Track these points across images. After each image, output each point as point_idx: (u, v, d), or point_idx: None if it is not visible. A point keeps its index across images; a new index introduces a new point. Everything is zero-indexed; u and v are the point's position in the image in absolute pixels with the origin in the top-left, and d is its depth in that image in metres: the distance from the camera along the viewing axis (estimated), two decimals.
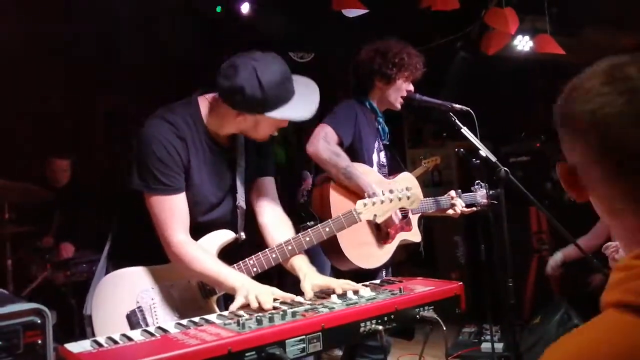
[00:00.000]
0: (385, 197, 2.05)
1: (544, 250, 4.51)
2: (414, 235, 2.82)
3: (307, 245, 1.97)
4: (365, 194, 2.38)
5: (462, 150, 3.45)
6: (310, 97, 1.90)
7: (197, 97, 1.98)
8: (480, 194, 2.99)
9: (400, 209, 2.65)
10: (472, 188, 3.05)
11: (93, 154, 4.75)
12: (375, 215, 2.05)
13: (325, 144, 2.52)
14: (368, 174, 2.59)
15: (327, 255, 2.55)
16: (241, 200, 2.05)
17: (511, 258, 2.50)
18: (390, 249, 2.67)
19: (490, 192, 2.72)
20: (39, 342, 1.18)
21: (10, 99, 4.21)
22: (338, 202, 2.53)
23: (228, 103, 1.87)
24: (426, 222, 3.01)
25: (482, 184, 2.96)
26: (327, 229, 2.00)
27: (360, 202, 2.03)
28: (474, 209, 2.99)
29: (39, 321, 1.19)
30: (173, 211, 1.86)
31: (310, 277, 1.89)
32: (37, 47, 4.26)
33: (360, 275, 2.39)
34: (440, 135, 5.95)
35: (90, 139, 4.71)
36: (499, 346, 3.87)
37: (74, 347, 1.36)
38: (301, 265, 1.95)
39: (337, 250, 2.47)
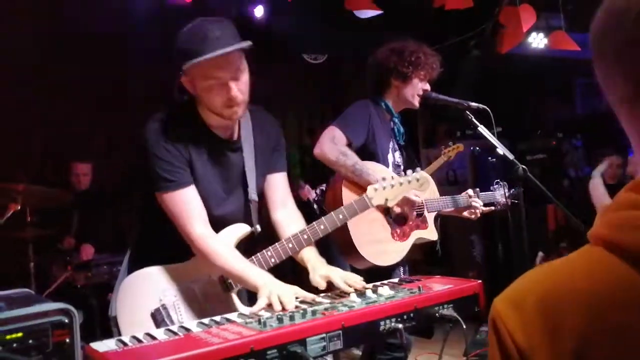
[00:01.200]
0: (395, 181, 2.07)
1: (562, 248, 4.48)
2: (430, 233, 2.81)
3: (322, 233, 1.99)
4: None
5: (477, 148, 3.45)
6: (223, 48, 1.80)
7: (192, 96, 1.98)
8: (500, 193, 2.97)
9: (416, 207, 2.66)
10: (491, 187, 3.03)
11: (114, 157, 4.80)
12: (386, 200, 2.06)
13: (332, 145, 2.53)
14: (379, 171, 2.60)
15: (342, 254, 2.56)
16: (253, 194, 2.06)
17: (530, 256, 2.49)
18: (405, 246, 2.67)
19: (510, 191, 2.70)
20: (67, 340, 1.21)
21: (30, 103, 4.27)
22: (350, 199, 2.55)
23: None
24: (442, 221, 3.00)
25: (502, 183, 2.94)
26: (341, 216, 2.02)
27: (370, 187, 2.06)
28: (492, 208, 2.98)
29: (66, 320, 1.21)
30: (186, 205, 1.89)
31: (317, 269, 1.93)
32: (57, 49, 4.31)
33: (377, 273, 2.40)
34: (454, 135, 5.93)
35: (110, 143, 4.76)
36: None
37: (100, 346, 1.39)
38: (310, 256, 1.98)
39: (350, 248, 2.47)
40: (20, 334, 1.13)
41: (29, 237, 3.69)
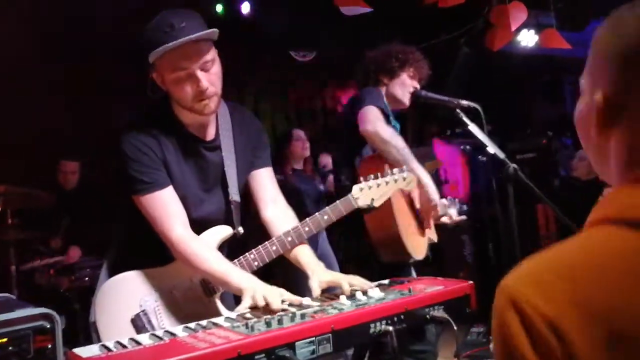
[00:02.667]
0: (380, 180, 2.01)
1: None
2: (434, 234, 2.79)
3: (307, 235, 1.93)
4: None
5: (467, 147, 3.45)
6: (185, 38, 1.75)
7: (166, 96, 1.94)
8: (454, 209, 2.92)
9: (432, 205, 2.60)
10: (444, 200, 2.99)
11: (101, 155, 4.74)
12: (372, 199, 2.01)
13: (383, 124, 2.48)
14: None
15: (377, 246, 2.50)
16: (234, 194, 2.00)
17: (520, 256, 2.48)
18: (426, 242, 2.65)
19: (461, 208, 2.71)
20: (49, 346, 1.17)
21: (15, 103, 4.19)
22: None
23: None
24: None
25: (454, 200, 2.93)
26: (326, 217, 1.95)
27: (356, 187, 1.99)
28: (464, 217, 2.94)
29: (48, 326, 1.18)
30: (164, 207, 1.84)
31: (318, 274, 1.86)
32: (40, 48, 4.24)
33: (394, 269, 2.38)
34: (444, 134, 5.93)
35: (98, 141, 4.69)
36: None
37: (83, 351, 1.35)
38: (308, 261, 1.92)
39: (393, 240, 2.41)
40: (3, 340, 1.10)
41: (11, 239, 3.61)
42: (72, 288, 3.91)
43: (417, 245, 2.55)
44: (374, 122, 2.48)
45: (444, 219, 2.85)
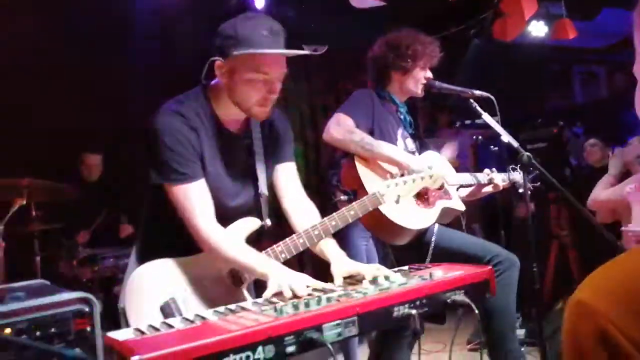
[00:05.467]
0: (407, 178, 2.07)
1: (564, 236, 4.50)
2: (456, 204, 2.81)
3: (333, 229, 1.98)
4: (395, 162, 2.48)
5: (480, 137, 3.48)
6: (285, 50, 1.87)
7: (204, 87, 2.00)
8: (519, 176, 2.97)
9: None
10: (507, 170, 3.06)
11: (123, 148, 4.77)
12: (398, 196, 2.06)
13: (337, 127, 2.55)
14: (389, 146, 2.61)
15: (374, 231, 2.57)
16: (263, 188, 2.07)
17: (534, 243, 2.51)
18: (432, 213, 2.66)
19: (529, 176, 2.72)
20: (88, 329, 1.22)
21: (36, 98, 4.24)
22: (368, 174, 2.56)
23: (210, 54, 1.89)
24: None
25: (518, 169, 2.97)
26: (352, 212, 2.01)
27: (383, 184, 2.04)
28: (509, 183, 3.00)
29: (87, 309, 1.22)
30: (196, 199, 1.88)
31: (340, 263, 1.91)
32: (60, 41, 4.27)
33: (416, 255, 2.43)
34: (455, 124, 5.94)
35: (120, 133, 4.73)
36: (520, 332, 3.87)
37: (118, 335, 1.40)
38: (331, 250, 1.97)
39: (379, 219, 2.45)
40: (42, 323, 1.14)
41: (35, 231, 3.69)
42: (93, 279, 3.98)
43: (412, 216, 2.55)
44: (328, 128, 2.56)
45: (488, 189, 2.93)
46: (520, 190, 2.98)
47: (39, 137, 4.21)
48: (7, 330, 1.06)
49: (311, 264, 3.95)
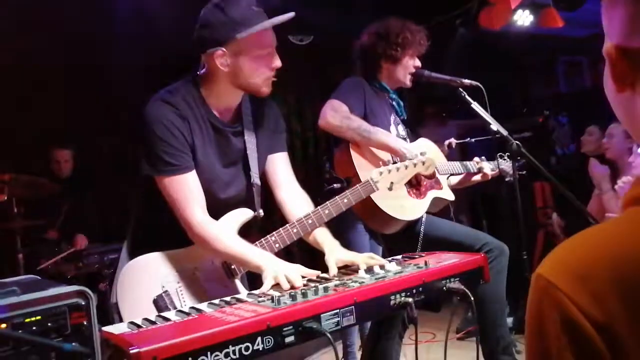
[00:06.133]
0: (400, 165, 2.07)
1: (550, 225, 4.55)
2: (446, 194, 2.84)
3: (326, 217, 1.97)
4: (390, 149, 2.48)
5: (473, 140, 3.48)
6: (279, 16, 1.89)
7: (194, 76, 1.98)
8: (507, 165, 3.01)
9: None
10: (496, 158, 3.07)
11: (93, 141, 4.70)
12: (392, 183, 2.06)
13: (333, 112, 2.54)
14: (385, 133, 2.62)
15: (365, 220, 2.56)
16: (255, 177, 2.05)
17: (525, 232, 2.53)
18: (423, 204, 2.68)
19: (516, 164, 2.74)
20: (85, 323, 1.19)
21: (6, 93, 4.15)
22: (362, 162, 2.56)
23: (202, 48, 1.88)
24: None
25: (505, 157, 2.99)
26: (345, 200, 2.00)
27: (376, 171, 2.04)
28: (498, 172, 3.02)
29: (83, 303, 1.20)
30: (187, 190, 1.86)
31: (335, 252, 1.90)
32: (35, 37, 4.19)
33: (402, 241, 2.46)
34: (440, 115, 5.95)
35: (90, 127, 4.65)
36: (509, 320, 3.90)
37: (113, 329, 1.38)
38: (324, 239, 1.97)
39: (371, 208, 2.45)
40: (38, 317, 1.11)
41: (17, 227, 3.62)
42: (78, 275, 3.91)
43: (403, 206, 2.57)
44: (324, 115, 2.55)
45: (477, 177, 2.96)
46: (507, 179, 3.02)
47: (15, 133, 4.14)
48: (3, 325, 1.03)
49: (299, 256, 3.93)
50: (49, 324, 1.13)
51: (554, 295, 0.62)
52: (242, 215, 2.00)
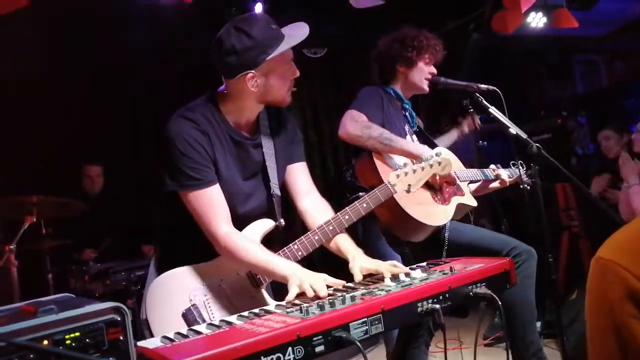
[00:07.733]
0: (416, 166, 2.09)
1: (574, 226, 4.50)
2: (469, 200, 2.84)
3: (347, 223, 1.99)
4: (410, 155, 2.50)
5: (485, 143, 3.47)
6: (301, 27, 1.97)
7: (212, 93, 2.03)
8: (523, 172, 3.00)
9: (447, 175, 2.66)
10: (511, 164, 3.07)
11: (124, 158, 4.76)
12: (409, 185, 2.07)
13: (353, 122, 2.56)
14: (405, 141, 2.64)
15: (394, 229, 2.57)
16: (275, 188, 2.08)
17: (549, 234, 2.51)
18: (449, 210, 2.68)
19: (528, 172, 2.73)
20: (121, 338, 1.22)
21: (35, 113, 4.23)
22: (386, 169, 2.57)
23: (232, 74, 1.92)
24: None
25: (518, 164, 2.98)
26: (365, 205, 2.03)
27: (393, 174, 2.06)
28: (516, 179, 3.01)
29: (119, 318, 1.22)
30: (211, 204, 1.89)
31: (359, 260, 1.92)
32: (61, 55, 4.27)
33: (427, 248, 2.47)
34: (456, 120, 5.93)
35: (120, 144, 4.72)
36: (537, 324, 3.85)
37: (147, 344, 1.41)
38: (348, 247, 1.99)
39: (399, 215, 2.46)
40: (77, 334, 1.14)
41: (46, 248, 3.69)
42: (106, 293, 3.97)
43: (430, 212, 2.58)
44: (344, 125, 2.58)
45: (495, 184, 2.95)
46: (522, 187, 3.00)
47: (41, 152, 4.21)
48: (45, 342, 1.06)
49: (321, 265, 3.94)
50: (87, 340, 1.15)
51: (615, 270, 0.68)
52: (265, 225, 2.03)
